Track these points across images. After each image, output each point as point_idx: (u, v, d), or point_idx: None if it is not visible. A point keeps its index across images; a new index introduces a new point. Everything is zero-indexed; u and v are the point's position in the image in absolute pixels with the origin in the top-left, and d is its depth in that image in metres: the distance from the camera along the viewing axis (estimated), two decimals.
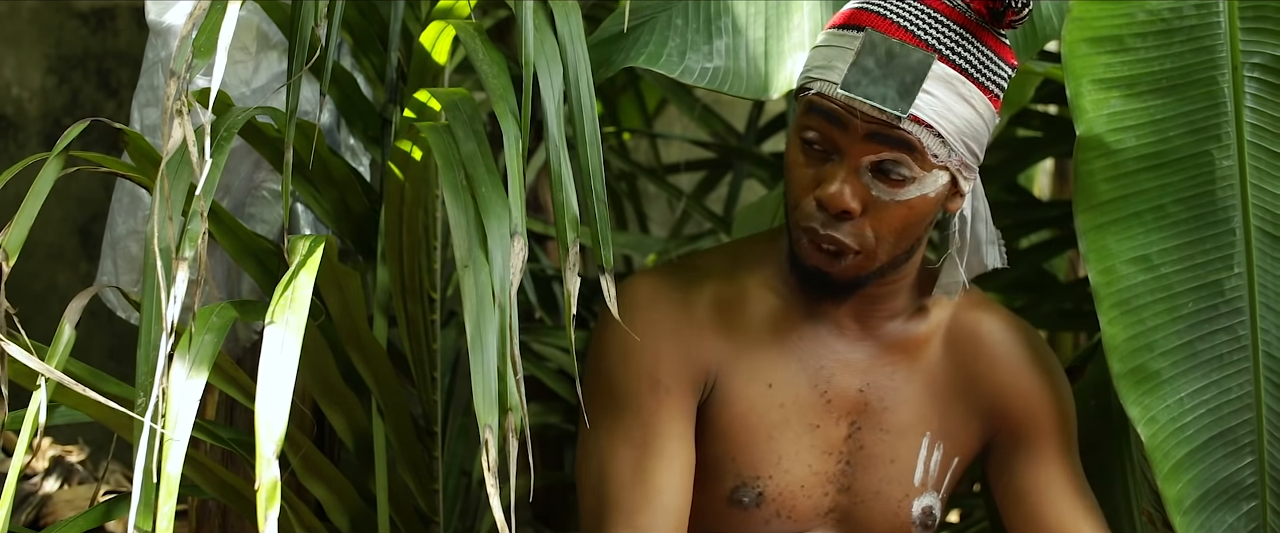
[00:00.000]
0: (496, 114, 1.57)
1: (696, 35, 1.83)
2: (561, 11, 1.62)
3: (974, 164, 1.72)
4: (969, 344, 1.86)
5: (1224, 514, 1.79)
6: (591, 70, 1.78)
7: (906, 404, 1.83)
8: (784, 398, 1.81)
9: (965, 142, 1.69)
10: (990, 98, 1.71)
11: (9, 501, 1.45)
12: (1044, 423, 1.84)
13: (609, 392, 1.79)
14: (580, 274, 1.58)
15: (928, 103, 1.66)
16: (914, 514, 1.84)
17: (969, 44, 1.69)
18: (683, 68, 1.81)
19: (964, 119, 1.69)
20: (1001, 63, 1.72)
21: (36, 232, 1.57)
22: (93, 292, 1.61)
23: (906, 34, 1.68)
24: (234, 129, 1.60)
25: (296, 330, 1.43)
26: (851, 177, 1.68)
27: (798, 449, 1.81)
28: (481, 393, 1.45)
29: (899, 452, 1.83)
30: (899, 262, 1.76)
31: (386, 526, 1.89)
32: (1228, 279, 1.79)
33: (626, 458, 1.76)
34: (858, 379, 1.82)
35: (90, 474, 2.54)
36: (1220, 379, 1.79)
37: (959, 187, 1.73)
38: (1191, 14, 1.81)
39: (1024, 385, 1.85)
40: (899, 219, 1.70)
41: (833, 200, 1.68)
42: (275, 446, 1.36)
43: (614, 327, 1.75)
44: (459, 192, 1.55)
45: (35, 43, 3.29)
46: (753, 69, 1.83)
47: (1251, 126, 1.79)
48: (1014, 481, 1.84)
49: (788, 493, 1.81)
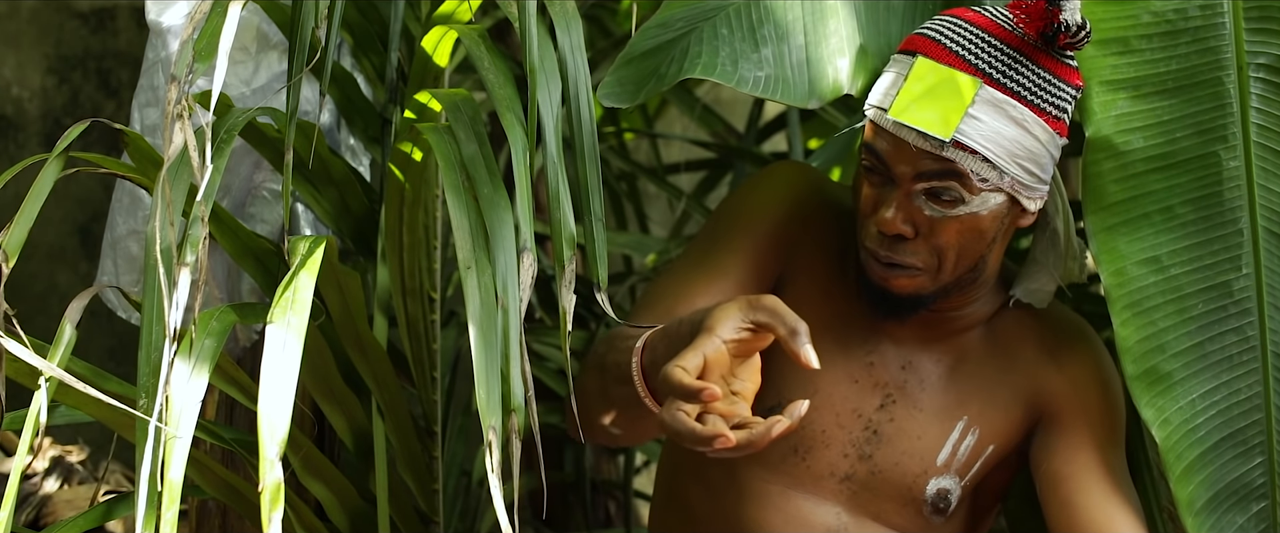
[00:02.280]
0: (504, 125, 1.57)
1: (743, 43, 1.82)
2: (561, 21, 1.62)
3: (1036, 184, 1.73)
4: (1018, 334, 1.87)
5: (1234, 515, 1.79)
6: (642, 84, 1.80)
7: (947, 389, 1.85)
8: (839, 334, 1.84)
9: (1019, 163, 1.70)
10: (1047, 120, 1.71)
11: (11, 501, 1.45)
12: (1086, 412, 1.84)
13: (708, 227, 1.89)
14: (580, 274, 1.58)
15: (973, 128, 1.68)
16: (928, 493, 1.84)
17: (1023, 67, 1.70)
18: (738, 77, 1.80)
19: (1014, 142, 1.69)
20: (1062, 84, 1.72)
21: (36, 232, 1.57)
22: (93, 292, 1.61)
23: (956, 59, 1.69)
24: (234, 130, 1.59)
25: (298, 332, 1.43)
26: (905, 201, 1.71)
27: (831, 395, 1.83)
28: (485, 394, 1.45)
29: (929, 431, 1.84)
30: (965, 282, 1.79)
31: (386, 526, 1.89)
32: (1236, 280, 1.79)
33: (680, 270, 1.85)
34: (903, 357, 1.85)
35: (90, 474, 2.54)
36: (1230, 380, 1.79)
37: (1022, 205, 1.74)
38: (1197, 15, 1.81)
39: (1068, 374, 1.86)
40: (954, 235, 1.72)
41: (887, 226, 1.72)
42: (278, 448, 1.36)
43: (745, 186, 1.90)
44: (461, 193, 1.55)
45: (35, 43, 3.29)
46: (798, 76, 1.83)
47: (1257, 127, 1.79)
48: (1053, 466, 1.83)
49: (811, 432, 1.83)
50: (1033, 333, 1.87)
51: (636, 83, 1.80)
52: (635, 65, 1.81)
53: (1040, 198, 1.76)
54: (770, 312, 1.50)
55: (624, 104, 1.80)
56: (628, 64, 1.81)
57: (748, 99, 3.71)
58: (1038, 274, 1.86)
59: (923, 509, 1.85)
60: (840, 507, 1.85)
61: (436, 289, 1.96)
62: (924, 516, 1.85)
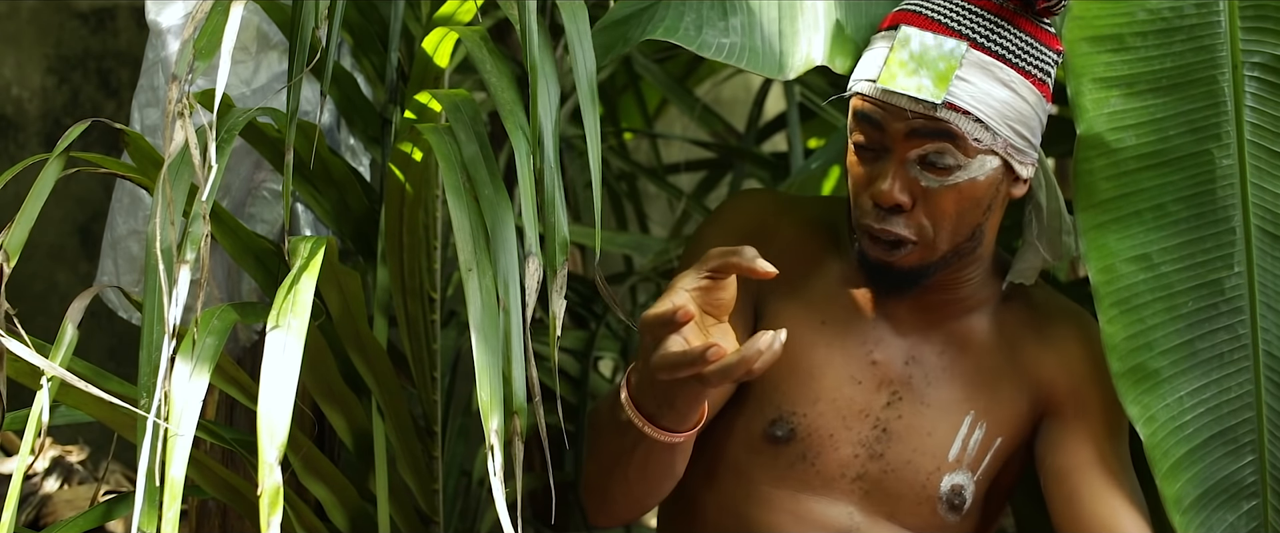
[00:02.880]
0: (506, 128, 1.57)
1: (711, 11, 1.83)
2: (568, 10, 1.62)
3: (1027, 149, 1.75)
4: (1020, 325, 1.88)
5: (1224, 513, 1.79)
6: (609, 47, 1.81)
7: (952, 382, 1.85)
8: (833, 339, 1.84)
9: (1010, 125, 1.72)
10: (1034, 82, 1.74)
11: (14, 502, 1.45)
12: (1089, 405, 1.85)
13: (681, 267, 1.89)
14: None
15: (963, 89, 1.70)
16: (942, 490, 1.84)
17: (1005, 30, 1.73)
18: (700, 41, 1.81)
19: (1004, 103, 1.71)
20: (1043, 48, 1.75)
21: (36, 232, 1.57)
22: (94, 292, 1.61)
23: (940, 26, 1.72)
24: (235, 130, 1.60)
25: (299, 334, 1.43)
26: (900, 171, 1.73)
27: (835, 398, 1.83)
28: (486, 396, 1.45)
29: (938, 427, 1.84)
30: (963, 251, 1.79)
31: (386, 526, 1.89)
32: (1228, 278, 1.79)
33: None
34: (905, 352, 1.85)
35: (90, 474, 2.54)
36: (1220, 378, 1.79)
37: (1015, 172, 1.75)
38: (1192, 13, 1.81)
39: (1073, 367, 1.86)
40: (951, 204, 1.73)
41: (883, 197, 1.73)
42: (278, 451, 1.36)
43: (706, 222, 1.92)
44: (462, 193, 1.56)
45: (35, 43, 3.29)
46: (768, 47, 1.83)
47: (1251, 126, 1.80)
48: (1057, 459, 1.83)
49: (817, 437, 1.83)
50: (1033, 326, 1.88)
51: (605, 48, 1.82)
52: (607, 32, 1.84)
53: (1032, 164, 1.77)
54: (718, 255, 1.52)
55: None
56: (601, 31, 1.84)
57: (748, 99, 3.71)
58: (1027, 253, 1.87)
59: (938, 507, 1.84)
60: (853, 506, 1.85)
61: (436, 289, 1.96)
62: (939, 513, 1.85)
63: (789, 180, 2.78)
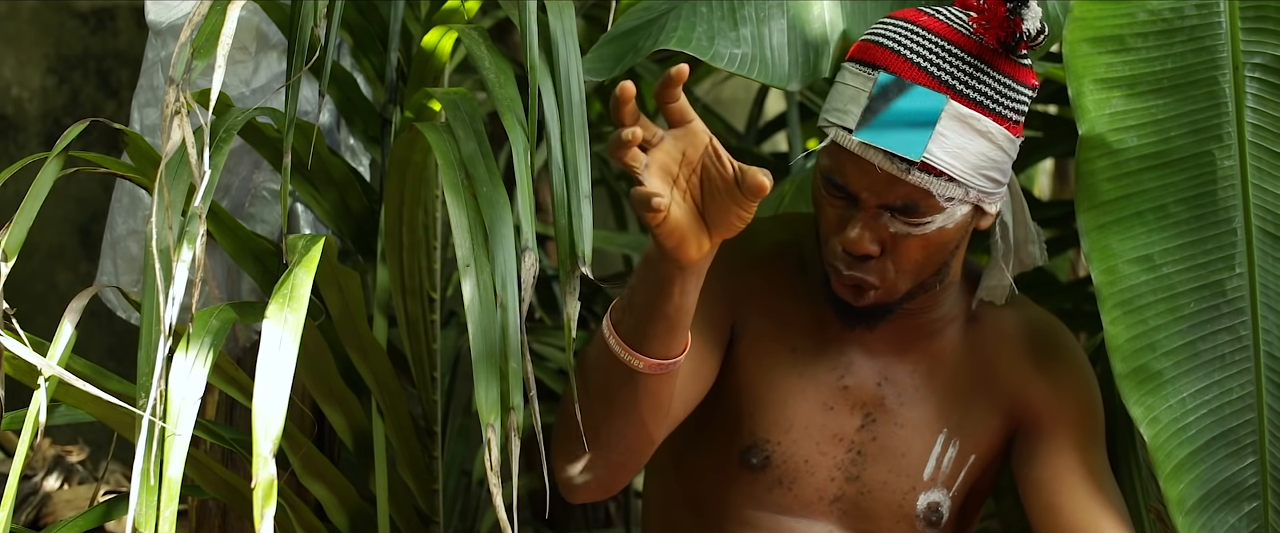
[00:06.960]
0: (505, 125, 1.57)
1: (722, 22, 1.84)
2: (555, 9, 1.62)
3: (996, 190, 1.73)
4: (992, 341, 1.87)
5: (1226, 515, 1.79)
6: (619, 58, 1.81)
7: (925, 401, 1.84)
8: (804, 367, 1.83)
9: (983, 174, 1.70)
10: (1009, 127, 1.70)
11: (10, 501, 1.45)
12: (1064, 415, 1.84)
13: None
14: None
15: (940, 148, 1.66)
16: (919, 508, 1.84)
17: (984, 75, 1.68)
18: (713, 52, 1.82)
19: (980, 154, 1.69)
20: (1021, 88, 1.71)
21: (36, 232, 1.57)
22: (93, 291, 1.61)
23: (919, 72, 1.67)
24: (233, 130, 1.60)
25: (295, 328, 1.43)
26: (871, 221, 1.70)
27: (808, 425, 1.83)
28: (484, 394, 1.45)
29: (912, 446, 1.84)
30: (928, 286, 1.79)
31: (386, 526, 1.89)
32: (1229, 279, 1.79)
33: None
34: (877, 373, 1.84)
35: (90, 474, 2.54)
36: (1222, 379, 1.79)
37: (984, 209, 1.74)
38: (1192, 14, 1.81)
39: (1046, 378, 1.86)
40: (919, 251, 1.72)
41: (852, 246, 1.71)
42: (272, 444, 1.36)
43: None
44: (460, 192, 1.56)
45: (35, 43, 3.29)
46: (776, 58, 1.84)
47: (1252, 126, 1.79)
48: (1034, 471, 1.83)
49: (792, 463, 1.82)
50: (1006, 337, 1.87)
51: (615, 58, 1.83)
52: (616, 42, 1.84)
53: (999, 199, 1.75)
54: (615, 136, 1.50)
55: (602, 77, 1.82)
56: (610, 41, 1.84)
57: (748, 99, 3.71)
58: (993, 272, 1.86)
59: (916, 524, 1.84)
60: (832, 525, 1.85)
61: (436, 289, 1.96)
62: (918, 529, 1.85)
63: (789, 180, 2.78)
